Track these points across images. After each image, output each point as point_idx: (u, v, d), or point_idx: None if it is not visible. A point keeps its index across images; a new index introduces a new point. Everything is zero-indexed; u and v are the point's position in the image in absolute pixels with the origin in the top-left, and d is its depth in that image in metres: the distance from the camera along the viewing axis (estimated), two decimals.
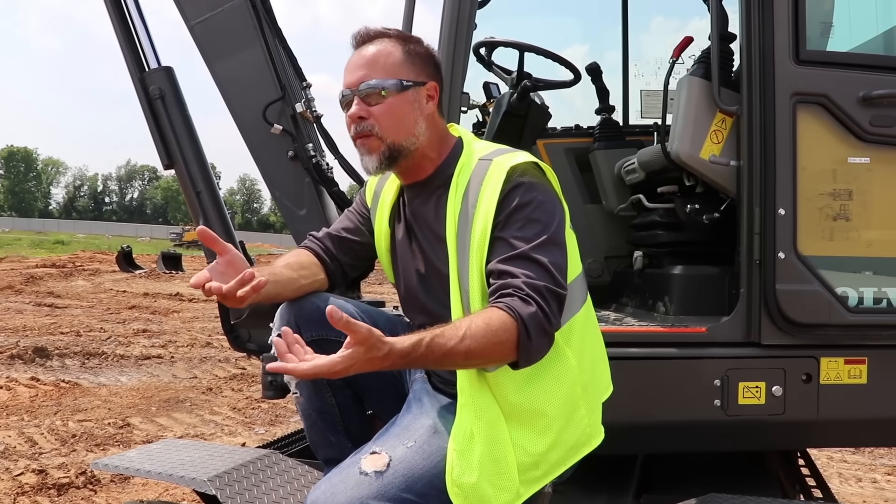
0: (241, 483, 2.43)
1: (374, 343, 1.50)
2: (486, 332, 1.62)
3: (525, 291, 1.67)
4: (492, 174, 1.80)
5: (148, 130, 3.20)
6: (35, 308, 13.44)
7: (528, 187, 1.79)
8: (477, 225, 1.78)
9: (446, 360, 1.62)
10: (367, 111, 1.86)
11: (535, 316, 1.65)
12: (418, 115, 1.89)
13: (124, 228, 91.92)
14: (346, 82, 1.91)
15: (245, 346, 3.22)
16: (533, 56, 3.54)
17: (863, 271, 2.55)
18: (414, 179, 1.97)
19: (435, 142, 1.94)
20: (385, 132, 1.86)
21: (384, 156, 1.87)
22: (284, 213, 3.16)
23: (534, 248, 1.72)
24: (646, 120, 4.18)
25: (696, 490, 2.51)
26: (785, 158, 2.52)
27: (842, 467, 5.49)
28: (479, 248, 1.76)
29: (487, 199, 1.77)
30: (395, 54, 1.89)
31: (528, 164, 1.84)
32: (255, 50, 3.08)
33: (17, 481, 4.64)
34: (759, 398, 2.52)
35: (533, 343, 1.65)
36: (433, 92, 1.93)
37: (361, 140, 1.88)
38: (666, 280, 2.99)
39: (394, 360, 1.55)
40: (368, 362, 1.52)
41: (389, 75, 1.87)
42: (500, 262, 1.73)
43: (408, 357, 1.57)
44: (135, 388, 7.44)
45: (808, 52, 2.54)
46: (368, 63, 1.88)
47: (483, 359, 1.65)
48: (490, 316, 1.65)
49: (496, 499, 1.69)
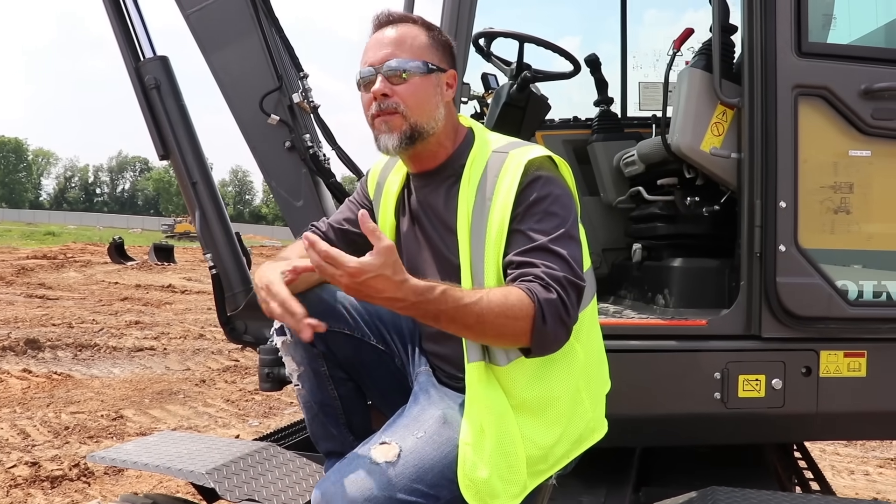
0: (239, 476, 2.42)
1: (396, 260, 1.50)
2: (503, 304, 1.60)
3: (545, 280, 1.65)
4: (508, 167, 1.79)
5: (141, 121, 3.17)
6: (26, 300, 13.37)
7: (545, 181, 1.78)
8: (493, 218, 1.76)
9: (457, 315, 1.59)
10: (391, 89, 1.83)
11: (553, 303, 1.63)
12: (439, 101, 1.88)
13: (115, 220, 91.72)
14: (369, 60, 1.87)
15: (241, 338, 3.20)
16: (530, 48, 3.53)
17: (863, 265, 2.55)
18: (424, 168, 1.94)
19: (450, 130, 1.93)
20: (410, 111, 1.83)
21: (405, 135, 1.84)
22: (281, 204, 3.14)
23: (552, 240, 1.71)
24: (644, 112, 4.18)
25: (694, 483, 2.51)
26: (786, 151, 2.51)
27: (834, 460, 5.52)
28: (497, 242, 1.75)
29: (504, 193, 1.76)
30: (421, 38, 1.88)
31: (544, 157, 1.82)
32: (251, 40, 3.06)
33: (10, 473, 4.62)
34: (759, 391, 2.51)
35: (549, 329, 1.63)
36: (452, 81, 1.93)
37: (384, 117, 1.85)
38: (665, 273, 2.99)
39: (406, 293, 1.53)
40: (384, 280, 1.50)
41: (415, 56, 1.85)
42: (518, 254, 1.72)
43: (421, 295, 1.55)
44: (127, 379, 7.41)
45: (810, 44, 2.53)
46: (395, 43, 1.85)
47: (493, 330, 1.63)
48: (509, 291, 1.64)
49: (505, 492, 1.69)
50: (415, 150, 1.89)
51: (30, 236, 43.25)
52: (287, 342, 2.05)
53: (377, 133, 1.88)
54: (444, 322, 1.63)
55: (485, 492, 1.67)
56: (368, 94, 1.86)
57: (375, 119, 1.87)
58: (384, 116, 1.85)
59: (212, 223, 3.17)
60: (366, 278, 1.50)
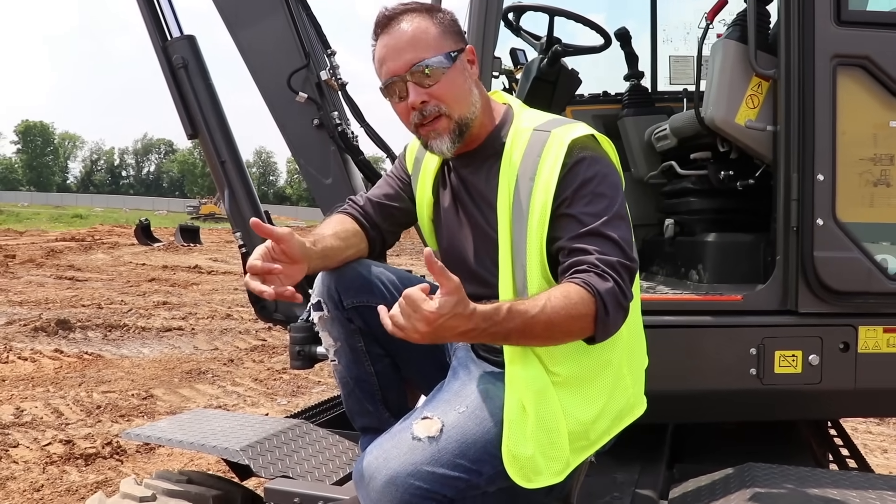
0: (272, 453, 2.43)
1: (463, 296, 1.48)
2: (566, 305, 1.58)
3: (600, 268, 1.64)
4: (550, 147, 1.75)
5: (166, 103, 3.17)
6: (56, 281, 13.57)
7: (591, 161, 1.75)
8: (536, 198, 1.73)
9: (526, 329, 1.57)
10: (426, 94, 1.79)
11: (611, 291, 1.62)
12: (470, 84, 1.85)
13: (141, 202, 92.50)
14: (391, 70, 1.80)
15: (272, 317, 3.21)
16: (559, 22, 3.48)
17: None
18: (464, 149, 1.91)
19: (486, 107, 1.90)
20: (452, 109, 1.80)
21: (455, 133, 1.82)
22: (310, 182, 3.13)
23: (603, 223, 1.69)
24: (674, 86, 4.11)
25: (728, 459, 2.49)
26: (824, 123, 2.45)
27: (866, 438, 5.47)
28: (540, 223, 1.73)
29: (547, 173, 1.73)
30: (431, 29, 1.82)
31: (587, 136, 1.79)
32: (278, 17, 3.03)
33: (46, 451, 4.70)
34: (796, 367, 2.48)
35: (610, 317, 1.62)
36: (472, 56, 1.88)
37: (428, 126, 1.82)
38: (699, 248, 2.95)
39: (476, 322, 1.50)
40: (455, 318, 1.47)
41: (436, 51, 1.80)
42: (570, 240, 1.70)
43: (490, 320, 1.52)
44: (157, 359, 7.50)
45: (850, 12, 2.46)
46: (410, 44, 1.79)
47: (562, 331, 1.62)
48: (568, 290, 1.62)
49: (548, 469, 1.68)
50: (464, 141, 1.86)
51: (58, 219, 43.81)
52: (324, 317, 2.04)
53: (425, 140, 1.85)
54: (514, 338, 1.61)
55: (529, 468, 1.66)
56: (401, 103, 1.82)
57: (420, 129, 1.84)
58: (428, 125, 1.82)
59: (241, 202, 3.17)
60: (442, 321, 1.47)
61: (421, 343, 1.52)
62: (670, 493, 2.41)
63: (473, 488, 1.67)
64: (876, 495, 2.11)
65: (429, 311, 1.45)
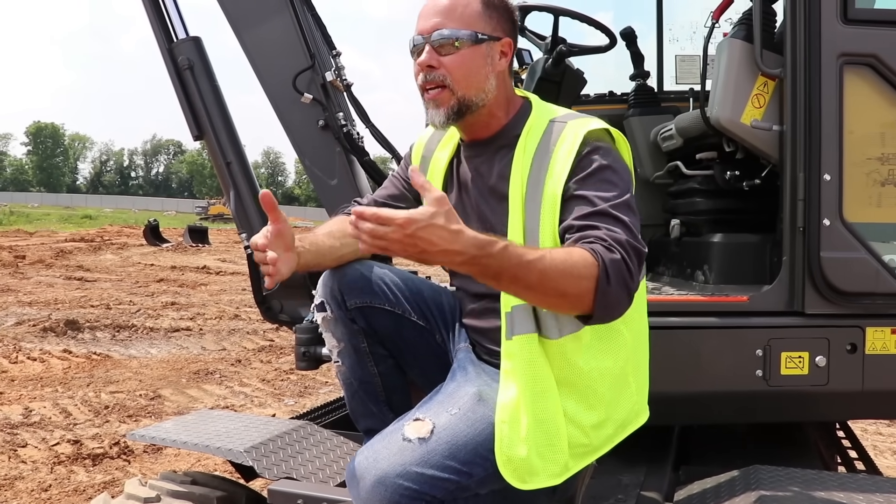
0: (276, 454, 2.42)
1: (449, 209, 1.43)
2: (566, 261, 1.52)
3: (608, 241, 1.58)
4: (566, 136, 1.75)
5: (174, 104, 3.17)
6: (65, 281, 13.62)
7: (605, 151, 1.74)
8: (549, 185, 1.72)
9: (520, 273, 1.50)
10: (437, 60, 1.80)
11: (618, 263, 1.55)
12: (490, 71, 1.83)
13: (150, 203, 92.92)
14: (419, 28, 1.84)
15: (277, 318, 3.21)
16: (564, 21, 3.46)
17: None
18: (476, 137, 1.91)
19: (503, 100, 1.89)
20: (456, 84, 1.80)
21: (452, 110, 1.82)
22: (316, 183, 3.13)
23: (613, 206, 1.65)
24: (681, 86, 4.09)
25: (734, 461, 2.47)
26: (831, 122, 2.44)
27: (876, 440, 5.43)
28: (552, 209, 1.71)
29: (561, 161, 1.72)
30: (473, 5, 1.83)
31: (603, 130, 1.79)
32: (283, 18, 3.03)
33: (54, 451, 4.71)
34: (803, 368, 2.46)
35: (612, 289, 1.54)
36: (507, 49, 1.87)
37: (431, 93, 1.82)
38: (705, 248, 2.93)
39: (465, 246, 1.44)
40: (436, 230, 1.41)
41: (465, 26, 1.81)
42: (578, 218, 1.66)
43: (482, 249, 1.46)
44: (164, 360, 7.51)
45: (857, 10, 2.44)
46: (445, 11, 1.81)
47: (555, 289, 1.54)
48: (572, 250, 1.56)
49: (544, 470, 1.66)
50: (465, 122, 1.86)
51: (67, 220, 44.02)
52: (328, 318, 2.04)
53: (426, 106, 1.86)
54: (505, 280, 1.52)
55: (523, 469, 1.65)
56: (417, 63, 1.84)
57: (423, 92, 1.84)
58: (431, 92, 1.82)
59: (246, 203, 3.17)
60: (416, 229, 1.40)
61: (403, 257, 1.47)
62: (676, 496, 2.39)
63: (464, 490, 1.65)
64: (884, 498, 2.09)
65: (401, 218, 1.40)
